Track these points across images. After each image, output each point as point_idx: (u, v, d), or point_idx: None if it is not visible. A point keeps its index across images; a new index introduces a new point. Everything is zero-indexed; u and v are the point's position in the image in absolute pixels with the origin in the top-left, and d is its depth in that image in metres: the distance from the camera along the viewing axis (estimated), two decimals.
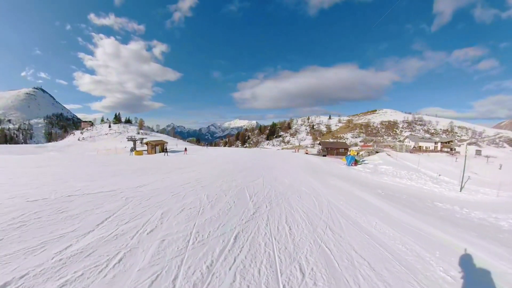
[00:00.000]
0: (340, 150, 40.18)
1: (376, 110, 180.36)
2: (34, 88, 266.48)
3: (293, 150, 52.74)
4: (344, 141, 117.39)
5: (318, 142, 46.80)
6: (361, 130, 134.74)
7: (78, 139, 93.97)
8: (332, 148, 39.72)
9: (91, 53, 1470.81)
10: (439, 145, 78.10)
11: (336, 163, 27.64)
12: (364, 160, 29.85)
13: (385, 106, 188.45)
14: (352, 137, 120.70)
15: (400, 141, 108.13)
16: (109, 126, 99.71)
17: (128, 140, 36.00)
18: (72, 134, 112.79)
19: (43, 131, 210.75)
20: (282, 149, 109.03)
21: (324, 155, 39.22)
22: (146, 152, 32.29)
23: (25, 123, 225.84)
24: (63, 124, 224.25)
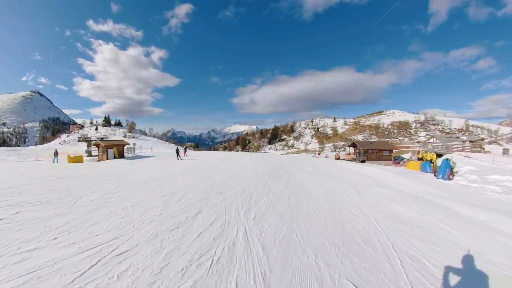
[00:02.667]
0: (384, 153, 27.85)
1: (383, 111, 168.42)
2: (32, 91, 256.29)
3: (314, 154, 40.06)
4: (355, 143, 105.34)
5: (350, 143, 34.02)
6: (371, 132, 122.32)
7: (60, 143, 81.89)
8: (373, 150, 27.42)
9: (91, 59, 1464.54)
10: (467, 144, 66.81)
11: (420, 175, 15.25)
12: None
13: (383, 108, 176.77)
14: (363, 139, 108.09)
15: (418, 142, 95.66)
16: (96, 129, 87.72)
17: (79, 141, 23.90)
18: (58, 138, 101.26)
19: (38, 135, 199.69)
20: (287, 153, 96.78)
21: (363, 161, 26.81)
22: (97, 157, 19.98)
23: (20, 127, 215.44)
24: (58, 128, 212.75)
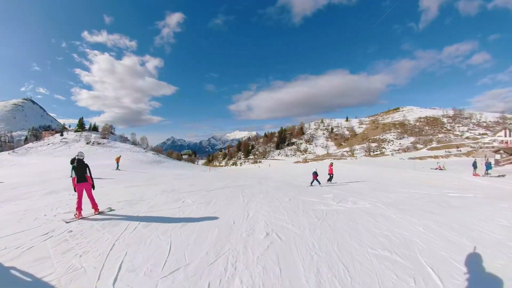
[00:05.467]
0: None
1: (399, 108, 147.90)
2: (24, 99, 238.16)
3: (435, 167, 18.98)
4: (386, 143, 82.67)
5: None
6: (397, 129, 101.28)
7: (8, 153, 61.22)
8: None
9: (87, 69, 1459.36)
10: None
11: None
12: None
13: (382, 110, 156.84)
14: (396, 138, 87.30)
15: (467, 138, 74.75)
16: (61, 135, 68.03)
17: None
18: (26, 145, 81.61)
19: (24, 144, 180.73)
20: (306, 161, 75.51)
21: None
22: None
23: (6, 135, 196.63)
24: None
